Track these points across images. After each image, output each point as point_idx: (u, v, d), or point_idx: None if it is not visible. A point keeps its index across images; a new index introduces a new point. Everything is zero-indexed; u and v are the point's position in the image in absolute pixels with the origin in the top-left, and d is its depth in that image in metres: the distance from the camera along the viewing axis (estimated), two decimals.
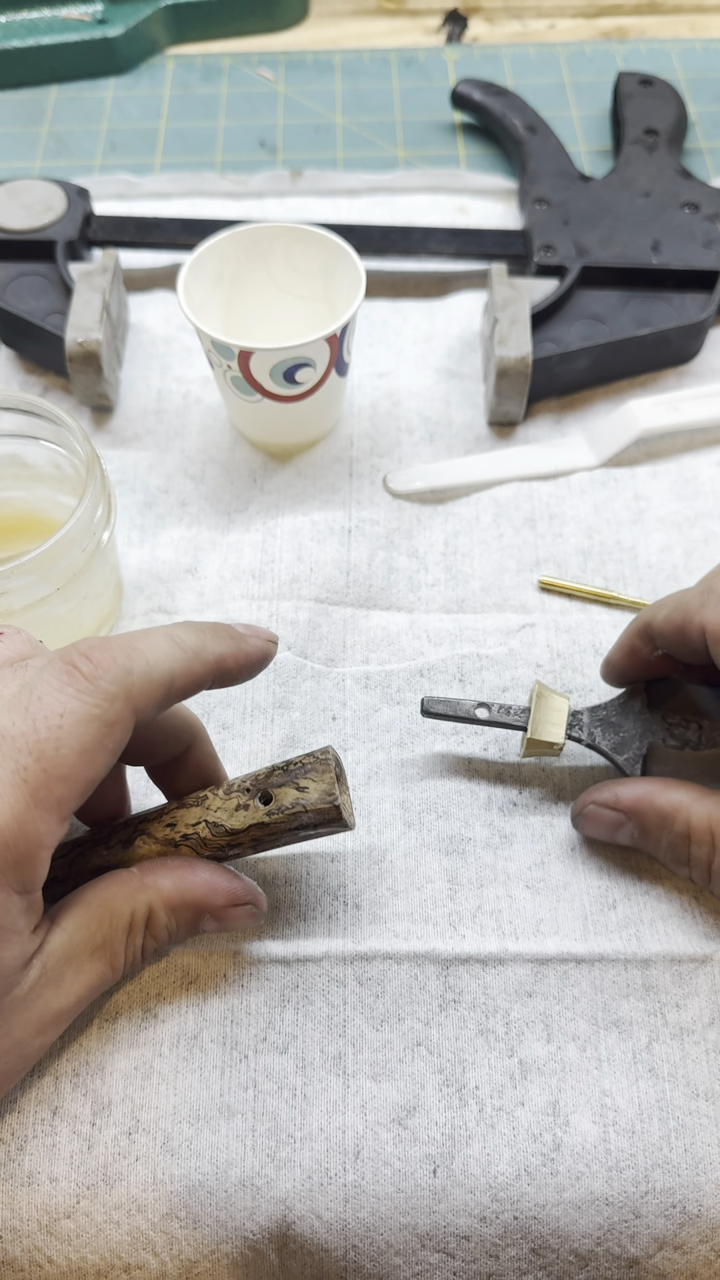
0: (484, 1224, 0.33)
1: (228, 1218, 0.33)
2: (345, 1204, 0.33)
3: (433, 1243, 0.33)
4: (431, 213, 0.62)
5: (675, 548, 0.48)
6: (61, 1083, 0.35)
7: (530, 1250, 0.33)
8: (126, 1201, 0.33)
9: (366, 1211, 0.33)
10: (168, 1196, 0.33)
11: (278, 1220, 0.33)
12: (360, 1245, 0.33)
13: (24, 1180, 0.34)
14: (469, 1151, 0.34)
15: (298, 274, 0.51)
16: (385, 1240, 0.33)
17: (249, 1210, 0.33)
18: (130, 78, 0.72)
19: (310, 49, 0.74)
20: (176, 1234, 0.33)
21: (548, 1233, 0.33)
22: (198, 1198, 0.33)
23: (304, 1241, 0.33)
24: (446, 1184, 0.33)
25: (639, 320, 0.53)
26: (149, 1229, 0.33)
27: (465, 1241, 0.33)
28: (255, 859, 0.40)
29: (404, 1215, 0.33)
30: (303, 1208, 0.33)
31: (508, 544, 0.49)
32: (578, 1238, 0.33)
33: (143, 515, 0.50)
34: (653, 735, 0.39)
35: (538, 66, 0.72)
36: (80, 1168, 0.34)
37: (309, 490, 0.51)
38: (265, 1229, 0.33)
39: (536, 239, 0.56)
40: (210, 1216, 0.33)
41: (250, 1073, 0.35)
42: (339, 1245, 0.33)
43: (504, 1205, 0.33)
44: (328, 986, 0.37)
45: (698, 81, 0.71)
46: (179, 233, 0.57)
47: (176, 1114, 0.35)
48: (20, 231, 0.55)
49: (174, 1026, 0.36)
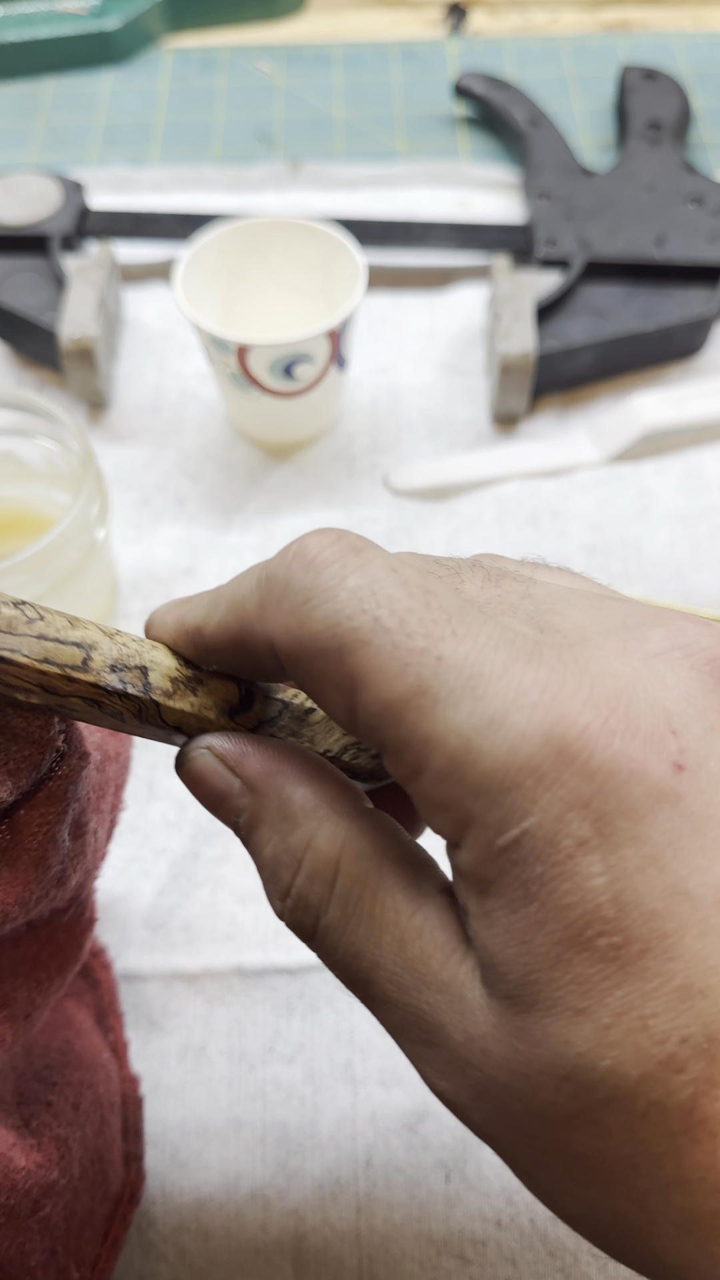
0: (500, 1229, 0.33)
1: (239, 1230, 0.33)
2: (358, 1213, 0.33)
3: (449, 1249, 0.33)
4: (432, 206, 0.61)
5: (681, 543, 0.47)
6: None
7: (548, 1253, 0.32)
8: (137, 1215, 0.33)
9: (380, 1220, 0.33)
10: (178, 1210, 0.33)
11: (290, 1232, 0.33)
12: (375, 1255, 0.33)
13: None
14: (482, 1155, 0.33)
15: (297, 268, 0.50)
16: (400, 1249, 0.33)
17: (260, 1222, 0.33)
18: (127, 70, 0.71)
19: (310, 41, 0.73)
20: (188, 1246, 0.33)
21: (564, 1233, 0.32)
22: (208, 1210, 0.33)
23: (318, 1253, 0.33)
24: (460, 1189, 0.33)
25: (643, 315, 0.52)
26: (159, 1241, 0.33)
27: (482, 1247, 0.32)
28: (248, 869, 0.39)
29: (418, 1223, 0.33)
30: (315, 1218, 0.33)
31: (511, 542, 0.48)
32: None
33: (139, 513, 0.50)
34: None
35: (540, 59, 0.71)
36: None
37: (308, 488, 0.50)
38: (278, 1241, 0.33)
39: (540, 233, 0.55)
40: (221, 1229, 0.33)
41: (258, 1083, 0.35)
42: (353, 1255, 0.33)
43: (519, 1209, 0.33)
44: (334, 994, 0.36)
45: (702, 75, 0.70)
46: (176, 226, 0.56)
47: (185, 1127, 0.34)
48: (15, 226, 0.55)
49: (180, 1039, 0.36)
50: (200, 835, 0.40)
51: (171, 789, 0.41)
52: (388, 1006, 0.19)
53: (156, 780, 0.41)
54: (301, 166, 0.63)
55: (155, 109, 0.69)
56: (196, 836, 0.40)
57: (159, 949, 0.38)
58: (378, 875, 0.20)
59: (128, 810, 0.40)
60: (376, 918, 0.19)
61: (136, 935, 0.38)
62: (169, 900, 0.39)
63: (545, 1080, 0.17)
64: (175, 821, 0.40)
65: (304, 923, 0.20)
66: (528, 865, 0.16)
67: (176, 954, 0.38)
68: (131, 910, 0.39)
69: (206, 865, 0.39)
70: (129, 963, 0.37)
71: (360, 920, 0.19)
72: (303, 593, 0.19)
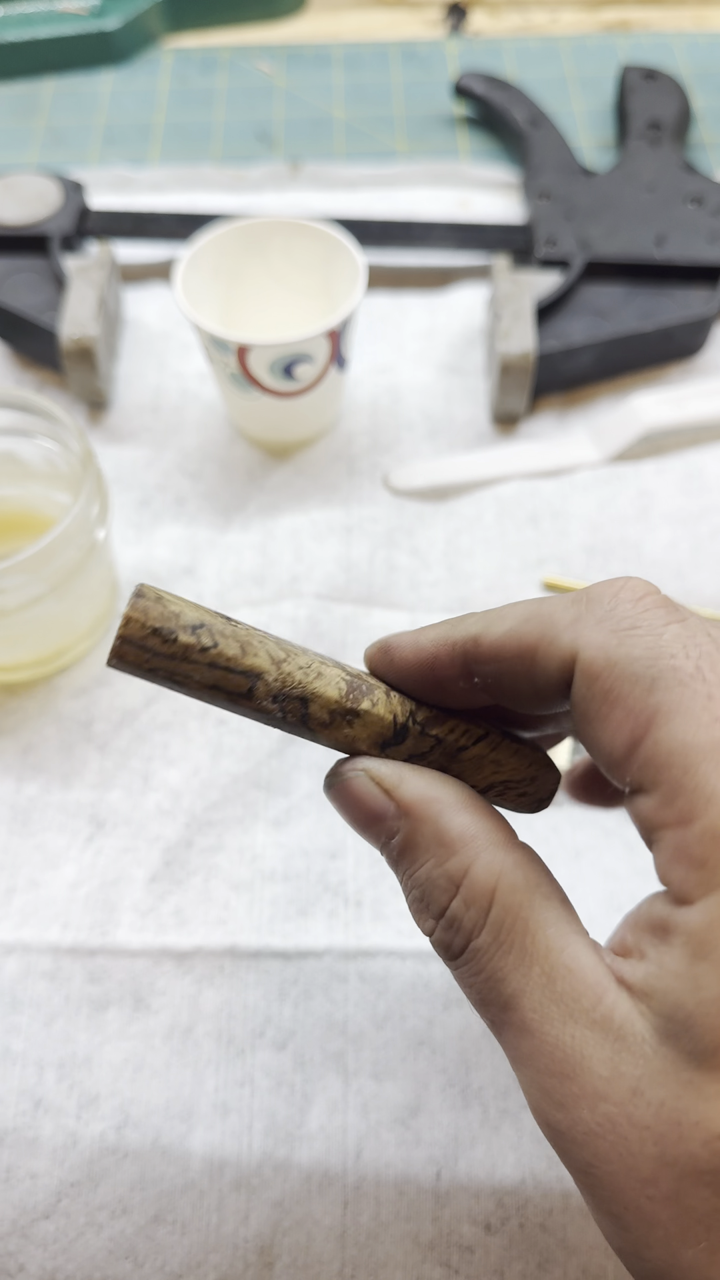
0: (489, 1233, 0.32)
1: (220, 1221, 0.32)
2: (345, 1208, 0.33)
3: (435, 1255, 0.32)
4: (432, 206, 0.61)
5: (681, 543, 0.47)
6: (45, 1073, 0.34)
7: (537, 1265, 0.32)
8: (111, 1202, 0.32)
9: (367, 1217, 0.32)
10: (156, 1198, 0.32)
11: (272, 1225, 0.32)
12: (359, 1256, 0.32)
13: (1, 1176, 0.33)
14: (473, 1154, 0.33)
15: (296, 268, 0.50)
16: (386, 1251, 0.32)
17: (243, 1214, 0.32)
18: (127, 70, 0.71)
19: (309, 41, 0.73)
20: (163, 1240, 0.32)
21: (554, 1244, 0.32)
22: (189, 1199, 0.32)
23: (299, 1251, 0.32)
24: (450, 1188, 0.33)
25: (643, 315, 0.52)
26: (133, 1234, 0.32)
27: (469, 1254, 0.32)
28: (257, 853, 0.39)
29: (406, 1222, 0.32)
30: (300, 1211, 0.32)
31: (510, 542, 0.48)
32: (585, 1250, 0.32)
33: (139, 513, 0.50)
34: None
35: (540, 59, 0.71)
36: (63, 1164, 0.33)
37: (308, 488, 0.50)
38: (259, 1235, 0.32)
39: (540, 233, 0.55)
40: (201, 1221, 0.32)
41: (247, 1069, 0.35)
42: (335, 1257, 0.32)
43: (509, 1211, 0.32)
44: (329, 982, 0.36)
45: (702, 75, 0.70)
46: (176, 226, 0.56)
47: (169, 1110, 0.34)
48: (15, 226, 0.55)
49: (167, 1018, 0.35)
50: (194, 824, 0.40)
51: (167, 780, 0.41)
52: (523, 1033, 0.20)
53: (153, 773, 0.41)
54: (301, 166, 0.63)
55: (155, 109, 0.69)
56: (191, 825, 0.40)
57: (149, 928, 0.38)
58: (530, 909, 0.21)
59: (122, 802, 0.41)
60: (528, 949, 0.20)
61: (126, 917, 0.38)
62: (161, 886, 0.39)
63: (697, 1133, 0.18)
64: (170, 810, 0.40)
65: (453, 943, 0.22)
66: None
67: (167, 933, 0.37)
68: (123, 894, 0.38)
69: (201, 854, 0.39)
70: (116, 938, 0.37)
71: (511, 948, 0.21)
72: (629, 619, 0.20)
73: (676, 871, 0.19)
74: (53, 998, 0.36)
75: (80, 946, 0.37)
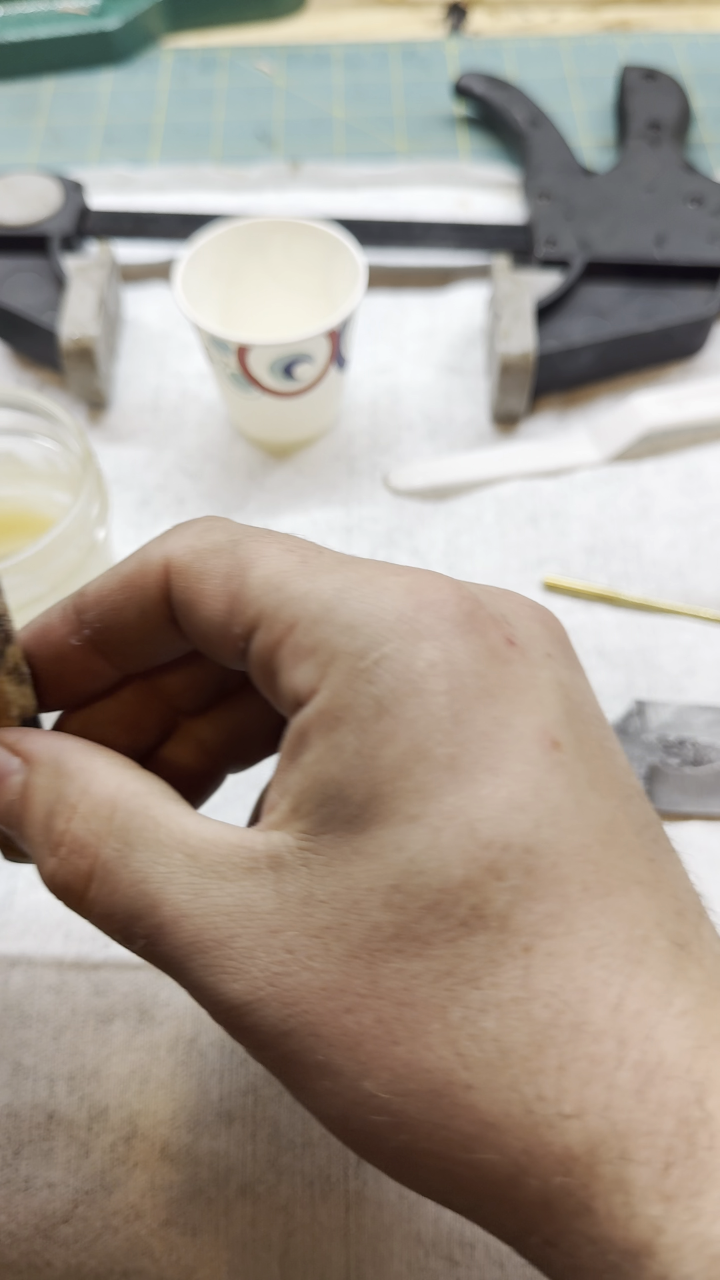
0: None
1: (228, 1225, 0.33)
2: (347, 1211, 0.33)
3: (437, 1250, 0.32)
4: (432, 206, 0.61)
5: (682, 543, 0.47)
6: (57, 1086, 0.34)
7: None
8: (125, 1208, 0.33)
9: (369, 1218, 0.33)
10: (166, 1204, 0.33)
11: (279, 1228, 0.33)
12: (363, 1254, 0.33)
13: (21, 1185, 0.33)
14: None
15: (296, 268, 0.50)
16: (389, 1248, 0.32)
17: (249, 1218, 0.33)
18: (127, 70, 0.71)
19: (309, 41, 0.73)
20: (175, 1241, 0.33)
21: None
22: (197, 1205, 0.33)
23: (306, 1250, 0.33)
24: None
25: (643, 315, 0.52)
26: (148, 1235, 0.33)
27: (470, 1249, 0.32)
28: None
29: (407, 1222, 0.33)
30: (304, 1215, 0.33)
31: (510, 542, 0.48)
32: None
33: (139, 513, 0.50)
34: (652, 756, 0.38)
35: (540, 59, 0.71)
36: (78, 1173, 0.33)
37: (308, 488, 0.50)
38: (266, 1236, 0.33)
39: (540, 233, 0.55)
40: (210, 1224, 0.33)
41: (250, 1077, 0.35)
42: (340, 1255, 0.32)
43: None
44: None
45: (702, 75, 0.70)
46: (176, 226, 0.56)
47: (175, 1120, 0.34)
48: (15, 226, 0.55)
49: (171, 1029, 0.35)
50: None
51: None
52: (179, 922, 0.19)
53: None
54: (301, 166, 0.63)
55: (155, 109, 0.69)
56: None
57: None
58: (158, 806, 0.20)
59: None
60: (163, 840, 0.20)
61: None
62: None
63: (374, 899, 0.18)
64: None
65: (79, 869, 0.20)
66: (383, 683, 0.18)
67: None
68: None
69: None
70: (118, 951, 0.37)
71: (145, 846, 0.20)
72: (204, 524, 0.22)
73: (297, 674, 0.19)
74: (59, 1011, 0.36)
75: (84, 960, 0.37)
